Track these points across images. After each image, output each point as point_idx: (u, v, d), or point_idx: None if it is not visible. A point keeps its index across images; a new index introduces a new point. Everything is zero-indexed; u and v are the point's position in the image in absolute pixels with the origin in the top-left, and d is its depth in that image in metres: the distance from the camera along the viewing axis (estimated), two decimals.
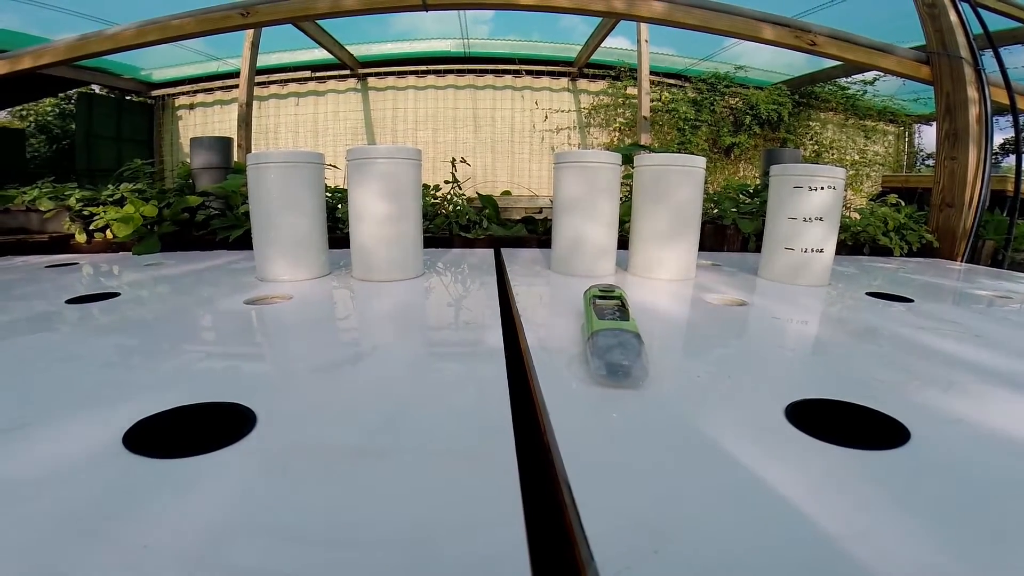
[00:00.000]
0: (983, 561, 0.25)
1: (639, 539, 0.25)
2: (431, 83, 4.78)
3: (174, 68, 4.62)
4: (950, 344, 0.61)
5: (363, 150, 0.87)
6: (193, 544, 0.25)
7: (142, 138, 4.93)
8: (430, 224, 1.45)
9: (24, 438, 0.35)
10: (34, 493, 0.29)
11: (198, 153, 1.53)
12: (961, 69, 1.52)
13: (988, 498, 0.30)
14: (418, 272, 0.94)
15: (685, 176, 0.92)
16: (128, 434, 0.35)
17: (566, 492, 0.30)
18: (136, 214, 1.26)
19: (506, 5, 1.76)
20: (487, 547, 0.25)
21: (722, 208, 1.50)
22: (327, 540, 0.25)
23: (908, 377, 0.49)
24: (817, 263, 0.93)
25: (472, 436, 0.36)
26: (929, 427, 0.38)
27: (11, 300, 0.78)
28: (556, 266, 1.00)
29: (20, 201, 1.40)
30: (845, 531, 0.26)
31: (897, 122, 5.24)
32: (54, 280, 0.93)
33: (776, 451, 0.34)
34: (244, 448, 0.34)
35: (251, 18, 1.63)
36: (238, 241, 1.27)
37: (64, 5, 3.11)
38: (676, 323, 0.70)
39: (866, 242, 1.49)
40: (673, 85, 4.79)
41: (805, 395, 0.43)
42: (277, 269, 0.90)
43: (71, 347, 0.55)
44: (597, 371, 0.44)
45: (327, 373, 0.48)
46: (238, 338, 0.62)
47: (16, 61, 1.71)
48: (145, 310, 0.73)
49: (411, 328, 0.66)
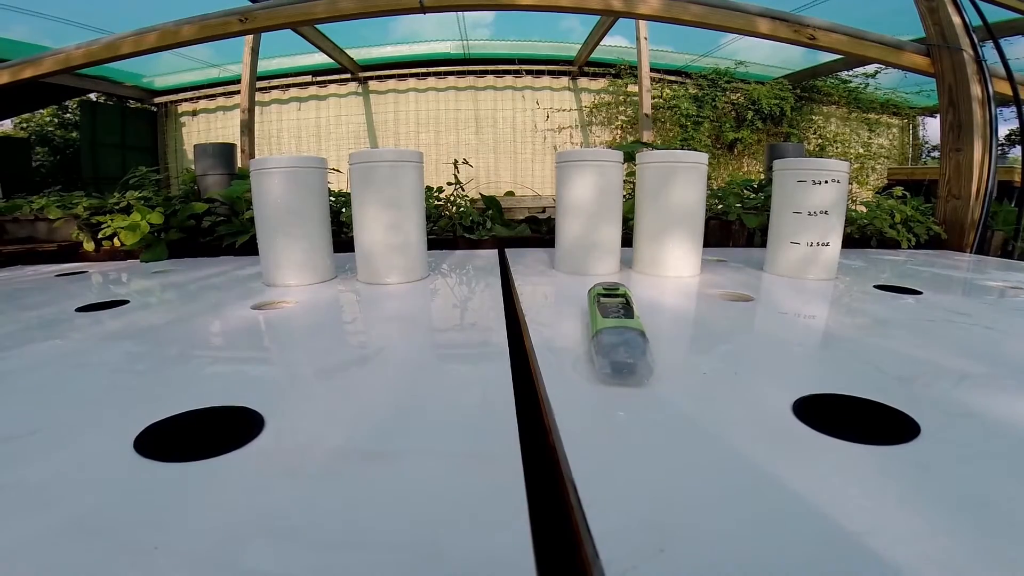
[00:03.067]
0: (995, 556, 0.24)
1: (645, 538, 0.25)
2: (432, 85, 4.79)
3: (176, 75, 4.66)
4: (960, 336, 0.60)
5: (366, 154, 0.88)
6: (203, 546, 0.25)
7: (146, 145, 4.97)
8: (434, 226, 1.45)
9: (36, 443, 0.36)
10: (46, 497, 0.29)
11: (202, 160, 1.54)
12: (962, 61, 1.50)
13: (1000, 493, 0.30)
14: (423, 274, 0.94)
15: (688, 172, 0.92)
16: (139, 438, 0.36)
17: (571, 491, 0.30)
18: (143, 222, 1.27)
19: (505, 5, 1.76)
20: (492, 547, 0.25)
21: (726, 204, 1.49)
22: (334, 542, 0.26)
23: (917, 370, 0.49)
24: (823, 257, 0.93)
25: (478, 437, 0.36)
26: (939, 421, 0.38)
27: (22, 309, 0.79)
28: (560, 265, 1.00)
29: (28, 210, 1.41)
30: (855, 527, 0.26)
31: (901, 115, 5.20)
32: (64, 289, 0.94)
33: (784, 447, 0.34)
34: (253, 451, 0.34)
35: (250, 24, 1.63)
36: (244, 247, 1.28)
37: (69, 17, 3.15)
38: (681, 320, 0.70)
39: (873, 235, 1.48)
40: (674, 82, 4.78)
41: (813, 390, 0.43)
42: (283, 274, 0.90)
43: (82, 354, 0.56)
44: (602, 370, 0.44)
45: (334, 376, 0.49)
46: (246, 343, 0.62)
47: (17, 71, 1.72)
48: (154, 317, 0.73)
49: (416, 330, 0.67)
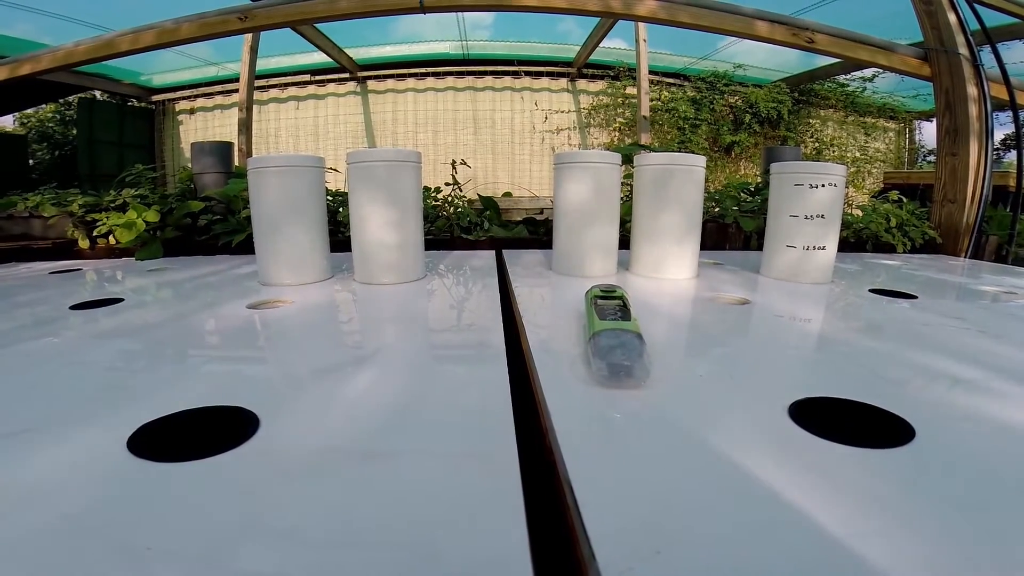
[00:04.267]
0: (990, 560, 0.25)
1: (642, 539, 0.25)
2: (431, 85, 4.79)
3: (174, 73, 4.65)
4: (955, 340, 0.61)
5: (363, 153, 0.87)
6: (197, 547, 0.25)
7: (143, 143, 4.95)
8: (431, 226, 1.45)
9: (28, 442, 0.35)
10: (38, 497, 0.29)
11: (199, 158, 1.53)
12: (960, 65, 1.51)
13: (994, 496, 0.30)
14: (420, 275, 0.94)
15: (686, 175, 0.92)
16: (132, 438, 0.35)
17: (568, 493, 0.30)
18: (139, 220, 1.27)
19: (505, 6, 1.76)
20: (489, 548, 0.25)
21: (723, 206, 1.50)
22: (329, 542, 0.26)
23: (912, 374, 0.49)
24: (819, 260, 0.93)
25: (474, 438, 0.36)
26: (934, 424, 0.38)
27: (15, 307, 0.79)
28: (557, 267, 1.00)
29: (23, 207, 1.40)
30: (849, 530, 0.26)
31: (897, 119, 5.23)
32: (58, 286, 0.94)
33: (779, 450, 0.34)
34: (247, 451, 0.34)
35: (249, 22, 1.63)
36: (240, 246, 1.28)
37: (72, 14, 3.13)
38: (678, 322, 0.70)
39: (868, 239, 1.48)
40: (672, 84, 4.79)
41: (808, 393, 0.43)
42: (279, 273, 0.90)
43: (75, 352, 0.55)
44: (599, 372, 0.44)
45: (330, 376, 0.48)
46: (241, 342, 0.62)
47: (16, 67, 1.72)
48: (148, 315, 0.73)
49: (413, 331, 0.66)
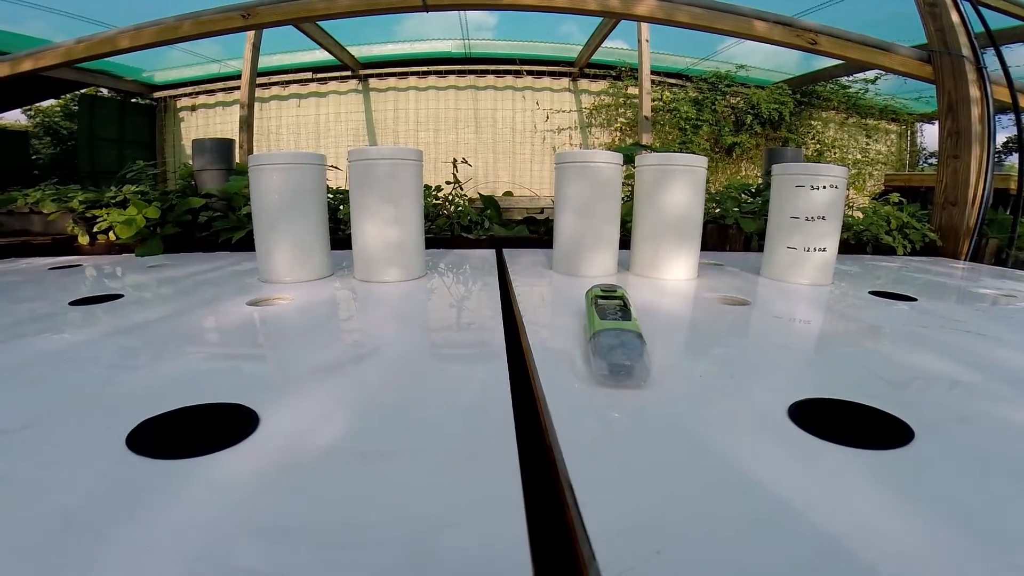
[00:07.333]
0: (988, 562, 0.25)
1: (641, 539, 0.25)
2: (432, 84, 4.78)
3: (176, 70, 4.64)
4: (954, 343, 0.61)
5: (364, 151, 0.87)
6: (196, 544, 0.25)
7: (144, 140, 4.94)
8: (432, 225, 1.45)
9: (27, 439, 0.35)
10: (37, 493, 0.29)
11: (200, 155, 1.53)
12: (963, 67, 1.51)
13: (993, 498, 0.30)
14: (420, 273, 0.94)
15: (687, 176, 0.92)
16: (131, 435, 0.35)
17: (568, 492, 0.30)
18: (139, 216, 1.27)
19: (505, 5, 1.76)
20: (489, 547, 0.25)
21: (724, 207, 1.50)
22: (329, 540, 0.25)
23: (911, 376, 0.49)
24: (819, 262, 0.93)
25: (474, 436, 0.36)
26: (933, 426, 0.38)
27: (15, 302, 0.79)
28: (558, 266, 1.00)
29: (23, 203, 1.40)
30: (848, 531, 0.26)
31: (899, 121, 5.22)
32: (57, 282, 0.94)
33: (779, 451, 0.34)
34: (247, 449, 0.34)
35: (252, 19, 1.63)
36: (240, 242, 1.28)
37: (83, 13, 3.12)
38: (678, 323, 0.70)
39: (869, 241, 1.48)
40: (674, 85, 4.78)
41: (808, 394, 0.43)
42: (279, 270, 0.90)
43: (74, 348, 0.55)
44: (599, 371, 0.44)
45: (329, 374, 0.48)
46: (241, 339, 0.62)
47: (16, 63, 1.72)
48: (148, 312, 0.73)
49: (413, 329, 0.66)
